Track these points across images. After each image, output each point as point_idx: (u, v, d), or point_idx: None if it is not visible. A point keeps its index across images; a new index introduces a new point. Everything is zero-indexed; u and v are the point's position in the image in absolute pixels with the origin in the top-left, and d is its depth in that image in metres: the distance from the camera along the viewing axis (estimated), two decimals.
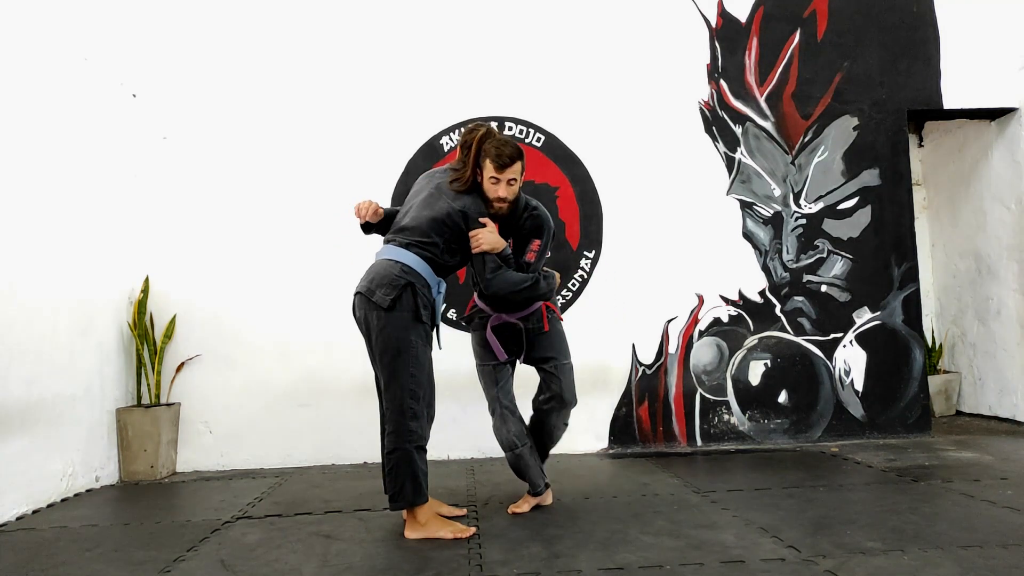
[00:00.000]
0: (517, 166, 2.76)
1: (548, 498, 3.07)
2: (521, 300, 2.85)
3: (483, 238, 2.73)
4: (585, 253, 4.37)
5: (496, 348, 2.96)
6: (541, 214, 2.90)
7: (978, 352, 5.11)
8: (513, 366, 3.09)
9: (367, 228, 2.92)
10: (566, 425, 3.06)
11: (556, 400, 2.96)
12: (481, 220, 2.76)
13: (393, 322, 2.60)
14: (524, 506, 2.99)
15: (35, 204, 3.35)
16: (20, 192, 3.26)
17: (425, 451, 2.69)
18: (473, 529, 2.68)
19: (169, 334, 4.11)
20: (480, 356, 3.04)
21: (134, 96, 4.24)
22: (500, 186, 2.75)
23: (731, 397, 4.34)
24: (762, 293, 4.42)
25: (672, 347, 4.35)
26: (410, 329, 2.63)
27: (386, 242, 2.80)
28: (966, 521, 2.63)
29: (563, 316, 4.25)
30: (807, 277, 4.43)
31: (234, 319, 4.18)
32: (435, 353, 2.79)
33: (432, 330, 2.77)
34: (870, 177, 4.50)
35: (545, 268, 2.94)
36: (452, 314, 4.23)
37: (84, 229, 3.73)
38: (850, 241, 4.46)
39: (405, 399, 2.61)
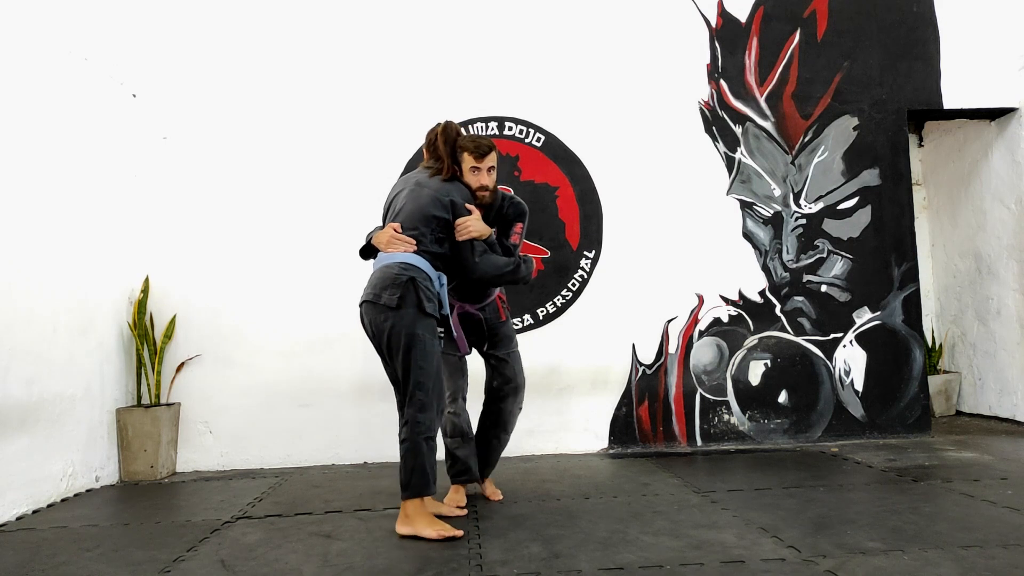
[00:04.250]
0: (493, 155, 2.97)
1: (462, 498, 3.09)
2: (504, 282, 2.97)
3: (471, 225, 2.82)
4: (585, 253, 4.37)
5: (460, 340, 3.00)
6: (520, 202, 3.10)
7: (978, 352, 5.11)
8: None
9: (367, 254, 2.98)
10: (520, 409, 3.18)
11: (511, 385, 3.11)
12: (468, 207, 2.85)
13: (401, 319, 2.65)
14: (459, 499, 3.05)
15: (35, 204, 3.35)
16: (20, 192, 3.26)
17: (434, 442, 2.70)
18: (461, 532, 2.64)
19: (169, 334, 4.11)
20: (444, 347, 3.05)
21: (134, 96, 4.24)
22: (481, 175, 2.92)
23: (731, 397, 4.34)
24: (762, 293, 4.42)
25: (672, 347, 4.35)
26: (417, 323, 2.67)
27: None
28: (966, 521, 2.63)
29: (563, 314, 4.32)
30: (807, 277, 4.43)
31: (234, 319, 4.18)
32: None
33: (438, 323, 2.78)
34: (870, 177, 4.50)
35: (524, 253, 3.09)
36: None
37: (84, 229, 3.73)
38: (850, 241, 4.46)
39: (414, 391, 2.66)
